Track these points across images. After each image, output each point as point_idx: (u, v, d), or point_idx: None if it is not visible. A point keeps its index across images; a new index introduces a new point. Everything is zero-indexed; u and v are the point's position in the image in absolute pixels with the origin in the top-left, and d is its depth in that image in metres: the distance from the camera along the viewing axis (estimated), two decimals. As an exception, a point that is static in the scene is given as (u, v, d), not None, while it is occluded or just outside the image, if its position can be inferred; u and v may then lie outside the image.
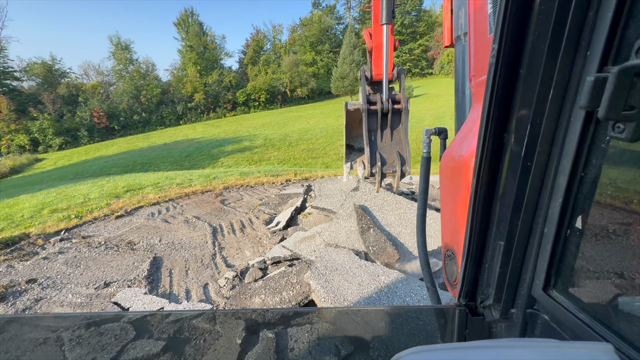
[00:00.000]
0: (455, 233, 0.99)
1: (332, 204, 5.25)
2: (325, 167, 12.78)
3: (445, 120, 16.56)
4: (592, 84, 0.47)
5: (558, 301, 0.62)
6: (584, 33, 0.51)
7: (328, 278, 3.17)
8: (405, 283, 3.06)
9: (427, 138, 1.60)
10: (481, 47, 1.08)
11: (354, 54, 36.06)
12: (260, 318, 0.99)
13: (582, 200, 0.58)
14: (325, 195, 5.52)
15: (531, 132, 0.61)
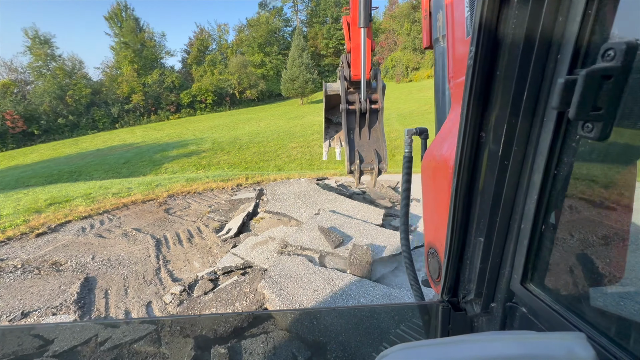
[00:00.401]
0: (437, 231, 1.01)
1: (285, 208, 5.17)
2: (277, 169, 12.61)
3: (392, 122, 17.44)
4: (562, 86, 0.49)
5: (535, 294, 0.64)
6: (555, 37, 0.53)
7: (283, 286, 3.10)
8: (359, 285, 3.12)
9: (409, 138, 1.61)
10: (459, 49, 1.10)
11: (303, 56, 36.30)
12: (245, 321, 0.99)
13: (556, 197, 0.60)
14: (279, 199, 5.42)
15: (507, 132, 0.63)
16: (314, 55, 53.41)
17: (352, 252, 3.76)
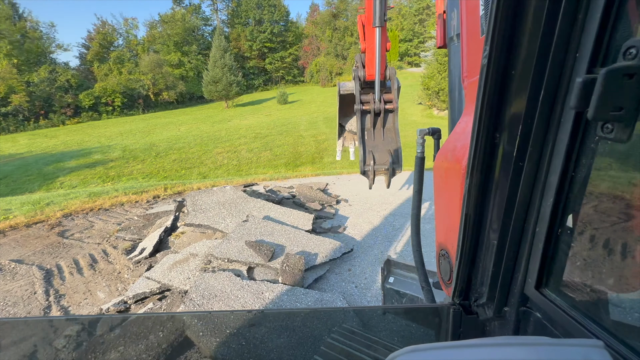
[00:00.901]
0: (449, 232, 1.00)
1: (209, 219, 4.78)
2: (202, 177, 11.75)
3: (319, 125, 17.87)
4: (581, 85, 0.47)
5: (550, 299, 0.63)
6: (574, 35, 0.51)
7: (206, 308, 2.81)
8: (291, 294, 3.03)
9: (421, 138, 1.58)
10: (473, 48, 1.08)
11: (225, 57, 34.79)
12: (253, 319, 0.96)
13: (573, 200, 0.58)
14: (201, 210, 4.99)
15: (523, 132, 0.61)
16: (238, 57, 51.72)
17: (284, 261, 3.65)
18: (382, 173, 2.53)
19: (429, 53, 18.68)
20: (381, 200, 7.01)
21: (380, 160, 2.51)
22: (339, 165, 11.13)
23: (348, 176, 9.45)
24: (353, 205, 6.72)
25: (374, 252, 4.64)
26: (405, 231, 5.37)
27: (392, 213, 6.23)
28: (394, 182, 8.55)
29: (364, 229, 5.49)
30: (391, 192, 7.50)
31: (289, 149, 13.62)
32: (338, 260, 4.26)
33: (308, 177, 9.58)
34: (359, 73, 2.51)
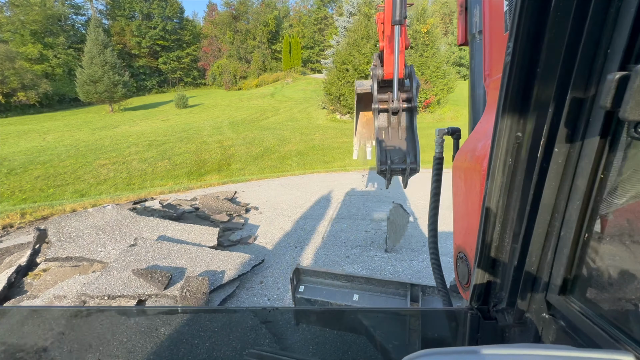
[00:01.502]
0: (468, 234, 0.96)
1: (82, 248, 3.87)
2: (79, 196, 9.70)
3: (224, 130, 16.93)
4: (613, 83, 0.44)
5: (575, 307, 0.59)
6: (605, 30, 0.48)
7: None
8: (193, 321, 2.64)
9: (440, 138, 1.51)
10: (496, 46, 1.03)
11: (106, 54, 29.88)
12: (263, 316, 0.94)
13: (602, 204, 0.55)
14: (72, 238, 4.01)
15: (548, 133, 0.58)
16: (123, 54, 45.11)
17: (184, 286, 3.19)
18: (399, 173, 2.47)
19: (329, 60, 19.75)
20: (292, 204, 6.97)
21: (397, 160, 2.47)
22: (247, 172, 10.71)
23: (257, 182, 9.15)
24: (264, 213, 6.49)
25: (286, 260, 4.52)
26: (316, 233, 5.42)
27: (304, 216, 6.24)
28: (299, 184, 8.63)
29: (275, 237, 5.33)
30: (302, 196, 7.55)
31: (191, 156, 12.46)
32: (249, 273, 3.99)
33: (214, 187, 8.90)
34: (377, 71, 2.46)
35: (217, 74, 45.61)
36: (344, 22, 19.20)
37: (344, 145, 12.92)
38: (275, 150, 12.72)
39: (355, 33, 16.70)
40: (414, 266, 4.28)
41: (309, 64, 53.16)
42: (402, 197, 7.26)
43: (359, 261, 4.46)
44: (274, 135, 14.99)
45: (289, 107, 23.14)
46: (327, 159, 11.51)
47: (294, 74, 39.16)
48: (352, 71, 16.66)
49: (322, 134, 15.11)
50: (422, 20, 16.64)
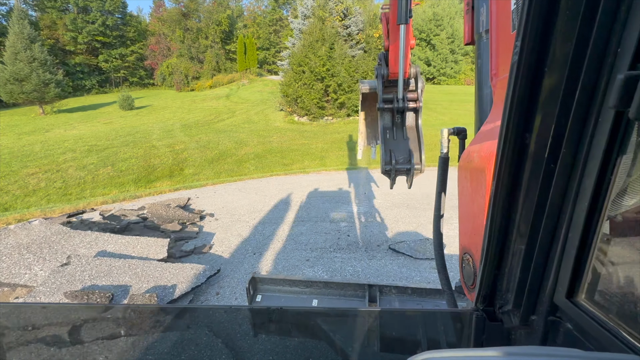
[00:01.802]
0: (473, 235, 0.95)
1: (1, 271, 3.35)
2: (1, 210, 8.49)
3: (176, 133, 15.99)
4: (622, 82, 0.44)
5: (582, 309, 0.58)
6: (615, 28, 0.47)
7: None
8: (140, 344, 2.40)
9: (445, 138, 1.50)
10: (503, 45, 1.02)
11: (34, 49, 26.63)
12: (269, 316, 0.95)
13: (611, 205, 0.54)
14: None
15: (555, 133, 0.58)
16: (56, 50, 40.62)
17: (127, 305, 2.89)
18: (403, 173, 2.43)
19: (285, 62, 19.62)
20: (251, 209, 6.76)
21: (402, 160, 2.43)
22: (202, 177, 10.18)
23: (213, 187, 8.75)
24: (220, 219, 6.21)
25: (244, 268, 4.35)
26: (275, 238, 5.30)
27: (263, 221, 6.08)
28: (258, 187, 8.42)
29: (232, 244, 5.12)
30: (261, 200, 7.36)
31: (138, 162, 11.54)
32: (203, 285, 3.76)
33: (165, 194, 8.34)
34: (382, 71, 2.42)
35: (166, 73, 43.01)
36: (299, 25, 19.21)
37: (302, 148, 12.89)
38: (232, 153, 12.29)
39: (310, 35, 16.79)
40: (373, 265, 4.36)
41: (265, 65, 52.45)
42: (364, 197, 7.41)
43: (319, 264, 4.43)
44: (230, 137, 14.49)
45: (246, 109, 22.56)
46: (285, 161, 11.39)
47: (250, 75, 38.29)
48: (308, 73, 16.72)
49: (280, 136, 14.95)
50: (374, 25, 17.26)
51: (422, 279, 3.98)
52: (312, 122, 17.61)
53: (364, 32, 17.22)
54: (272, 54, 52.29)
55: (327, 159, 11.45)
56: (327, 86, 16.83)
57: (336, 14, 16.99)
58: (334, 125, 17.02)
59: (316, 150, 12.50)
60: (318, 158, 11.55)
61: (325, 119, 17.72)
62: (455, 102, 21.22)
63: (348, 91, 16.74)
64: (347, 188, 8.13)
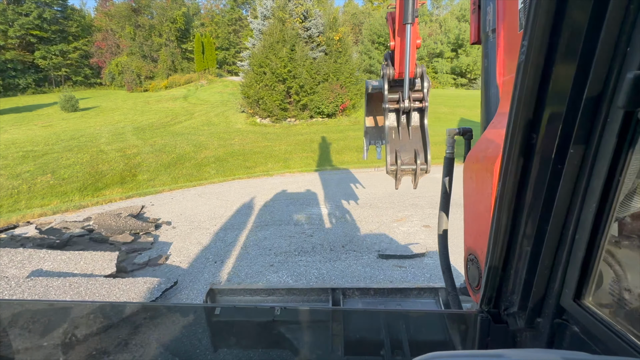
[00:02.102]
0: (479, 236, 0.95)
1: None
2: None
3: (127, 137, 14.92)
4: (632, 82, 0.43)
5: (590, 312, 0.58)
6: (625, 27, 0.46)
7: None
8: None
9: (451, 138, 1.48)
10: (510, 44, 1.01)
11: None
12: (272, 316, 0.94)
13: (620, 207, 0.54)
14: None
15: (563, 133, 0.57)
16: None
17: (68, 329, 2.59)
18: (409, 173, 2.39)
19: (246, 63, 19.18)
20: (211, 215, 6.48)
21: (407, 160, 2.39)
22: (158, 183, 9.56)
23: (170, 193, 8.27)
24: (178, 227, 5.86)
25: (204, 278, 4.13)
26: (238, 244, 5.12)
27: (224, 227, 5.85)
28: (219, 192, 8.11)
29: (192, 253, 4.84)
30: (222, 205, 7.09)
31: (84, 168, 10.55)
32: (159, 300, 3.50)
33: (116, 202, 7.71)
34: (388, 71, 2.38)
35: (116, 72, 39.97)
36: (259, 25, 18.89)
37: (265, 150, 12.67)
38: (191, 157, 11.72)
39: (270, 36, 16.57)
40: (338, 267, 4.37)
41: (225, 65, 50.97)
42: (327, 199, 7.42)
43: (283, 268, 4.35)
44: (189, 140, 13.83)
45: (205, 111, 21.69)
46: (248, 164, 11.10)
47: (209, 76, 36.88)
48: (269, 74, 16.49)
49: (242, 139, 14.56)
50: (334, 28, 17.49)
51: (386, 277, 4.07)
52: (274, 123, 17.39)
53: (325, 34, 17.38)
54: (232, 54, 50.97)
55: (291, 161, 11.35)
56: (289, 88, 16.73)
57: (296, 16, 16.97)
58: (297, 127, 16.96)
59: (280, 152, 12.35)
60: (282, 160, 11.41)
61: (288, 121, 17.60)
62: (413, 104, 22.24)
63: (310, 93, 16.76)
64: (311, 190, 8.11)
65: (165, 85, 35.93)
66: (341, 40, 17.39)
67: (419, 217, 6.04)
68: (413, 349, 0.94)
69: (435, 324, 0.99)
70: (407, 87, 2.31)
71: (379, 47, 38.75)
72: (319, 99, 16.85)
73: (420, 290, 2.23)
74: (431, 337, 0.97)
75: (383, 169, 2.49)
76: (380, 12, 44.03)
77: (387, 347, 0.94)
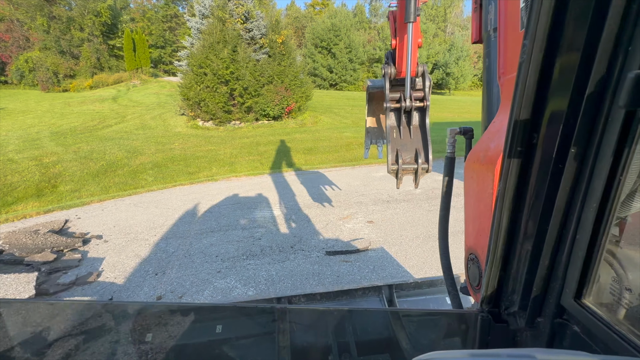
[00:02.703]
0: (479, 236, 0.95)
1: None
2: None
3: (44, 143, 13.11)
4: (633, 81, 0.43)
5: (590, 312, 0.57)
6: (626, 26, 0.46)
7: None
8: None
9: (452, 138, 1.47)
10: (511, 43, 1.01)
11: None
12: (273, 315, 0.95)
13: (621, 206, 0.54)
14: None
15: (564, 133, 0.57)
16: None
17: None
18: (410, 172, 2.35)
19: (184, 63, 18.15)
20: (150, 225, 6.05)
21: (408, 159, 2.37)
22: (84, 193, 8.56)
23: (100, 205, 7.51)
24: (111, 241, 5.37)
25: (144, 291, 3.87)
26: (181, 253, 4.88)
27: (166, 237, 5.52)
28: (159, 200, 7.63)
29: (128, 267, 4.49)
30: (163, 213, 6.66)
31: None
32: (91, 321, 3.19)
33: (32, 218, 6.77)
34: (389, 70, 2.36)
35: (25, 69, 34.65)
36: (197, 24, 18.04)
37: (209, 154, 12.16)
38: (124, 163, 10.75)
39: (210, 36, 15.92)
40: (287, 267, 4.43)
41: (161, 65, 47.54)
42: (275, 201, 7.41)
43: (231, 274, 4.27)
44: (121, 146, 12.65)
45: (139, 113, 19.98)
46: (190, 169, 10.55)
47: (143, 75, 34.01)
48: (210, 75, 15.84)
49: (183, 143, 13.76)
50: (277, 31, 17.48)
51: (333, 272, 4.24)
52: (218, 126, 16.76)
53: (267, 36, 17.27)
54: (168, 52, 47.73)
55: (237, 164, 11.07)
56: (232, 90, 16.27)
57: (237, 16, 16.59)
58: (243, 130, 16.57)
59: (225, 156, 11.96)
60: (227, 164, 11.07)
61: (232, 124, 17.11)
62: (357, 107, 23.16)
63: (255, 95, 16.51)
64: (259, 193, 8.03)
65: (89, 85, 32.26)
66: (284, 43, 17.46)
67: (363, 213, 6.38)
68: (413, 348, 0.94)
69: (436, 323, 0.98)
70: (409, 86, 2.31)
71: (322, 51, 39.65)
72: (264, 102, 16.69)
73: (365, 290, 2.31)
74: (432, 336, 0.96)
75: (331, 170, 2.62)
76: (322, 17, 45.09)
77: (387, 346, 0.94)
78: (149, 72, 36.40)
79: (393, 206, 6.70)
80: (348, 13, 44.34)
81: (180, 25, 46.69)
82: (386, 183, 8.28)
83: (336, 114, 20.72)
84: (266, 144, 13.39)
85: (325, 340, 0.97)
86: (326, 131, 15.85)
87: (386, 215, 6.21)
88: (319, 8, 61.15)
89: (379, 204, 6.84)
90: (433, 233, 5.35)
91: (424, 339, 1.01)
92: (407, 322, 1.02)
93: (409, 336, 0.98)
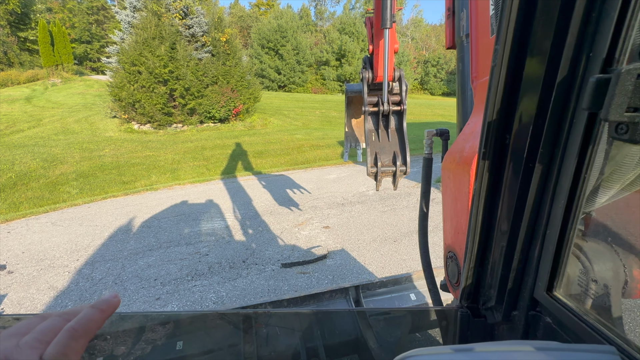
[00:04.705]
0: (457, 234, 0.98)
1: None
2: None
3: None
4: (594, 85, 0.46)
5: (560, 303, 0.60)
6: (587, 34, 0.49)
7: None
8: None
9: (429, 139, 1.53)
10: (483, 49, 1.05)
11: None
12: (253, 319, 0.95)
13: (586, 202, 0.56)
14: None
15: (533, 134, 0.59)
16: None
17: None
18: (388, 175, 2.41)
19: (114, 59, 16.28)
20: (72, 247, 5.14)
21: (387, 162, 2.43)
22: None
23: (6, 226, 6.24)
24: (17, 271, 4.42)
25: (60, 334, 3.17)
26: (111, 280, 4.17)
27: (92, 261, 4.71)
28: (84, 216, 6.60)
29: (39, 303, 3.69)
30: (89, 232, 5.72)
31: None
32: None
33: None
34: (366, 75, 2.41)
35: None
36: (128, 17, 16.30)
37: (147, 161, 10.98)
38: (39, 175, 9.18)
39: (144, 31, 14.47)
40: (239, 285, 4.02)
41: (87, 62, 42.58)
42: (224, 210, 6.85)
43: (173, 300, 3.73)
44: (35, 154, 10.84)
45: (59, 116, 17.43)
46: (125, 178, 9.39)
47: (64, 73, 29.90)
48: (146, 74, 14.40)
49: (116, 149, 12.27)
50: (220, 29, 16.57)
51: (290, 287, 3.94)
52: (157, 130, 15.34)
53: (210, 34, 16.28)
54: (96, 48, 42.95)
55: (181, 171, 10.15)
56: (172, 90, 15.01)
57: (175, 11, 15.37)
58: (186, 133, 15.38)
59: (166, 162, 10.91)
60: (169, 171, 10.08)
61: (174, 127, 15.80)
62: (306, 109, 23.03)
63: (198, 96, 15.44)
64: (205, 202, 7.38)
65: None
66: (229, 42, 16.63)
67: (319, 218, 6.18)
68: (395, 346, 0.95)
69: (417, 321, 1.00)
70: (386, 91, 2.39)
71: (270, 52, 38.96)
72: (209, 103, 15.70)
73: (332, 292, 2.34)
74: (414, 333, 0.97)
75: (283, 173, 2.40)
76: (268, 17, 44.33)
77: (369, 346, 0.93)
78: (73, 70, 32.18)
79: (348, 209, 6.61)
80: (294, 15, 44.17)
81: (109, 18, 42.31)
82: (339, 185, 8.21)
83: (286, 116, 20.37)
84: (212, 148, 12.55)
85: (304, 342, 0.96)
86: (276, 134, 15.43)
87: (342, 220, 6.08)
88: (264, 8, 60.19)
89: (333, 208, 6.70)
90: (390, 235, 5.34)
91: (406, 337, 0.99)
92: (390, 321, 1.03)
93: (392, 335, 0.99)
